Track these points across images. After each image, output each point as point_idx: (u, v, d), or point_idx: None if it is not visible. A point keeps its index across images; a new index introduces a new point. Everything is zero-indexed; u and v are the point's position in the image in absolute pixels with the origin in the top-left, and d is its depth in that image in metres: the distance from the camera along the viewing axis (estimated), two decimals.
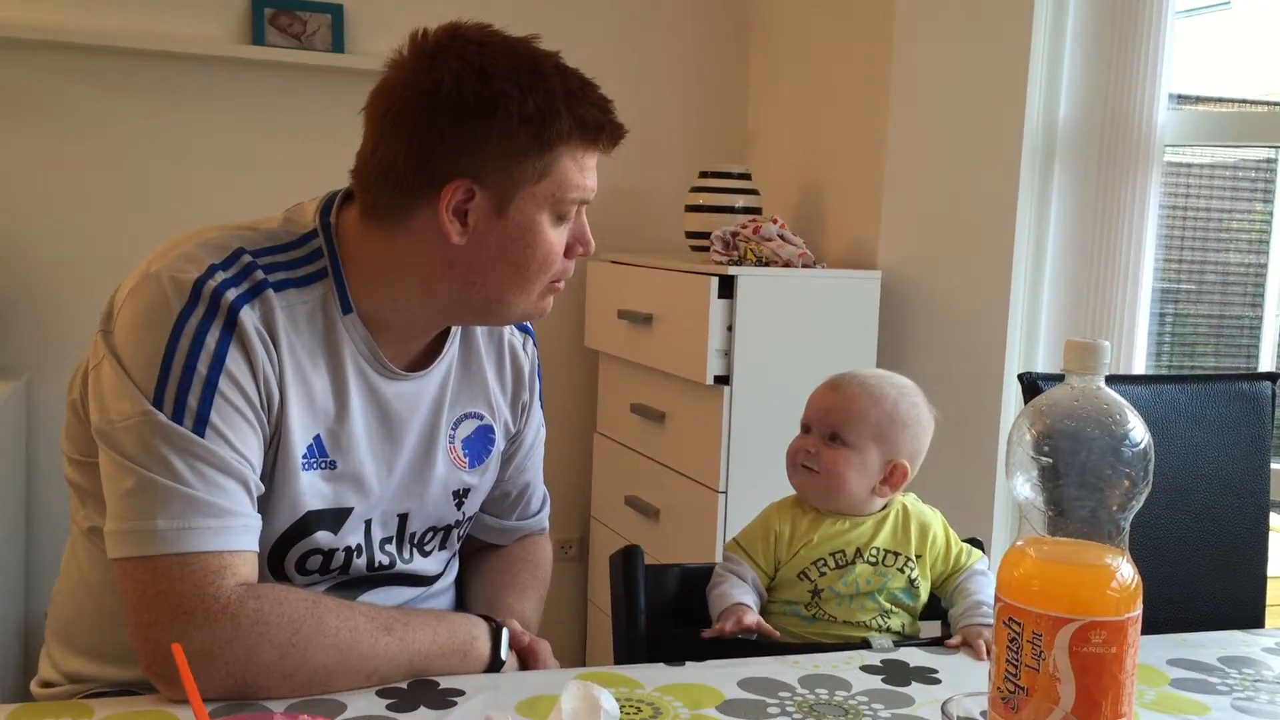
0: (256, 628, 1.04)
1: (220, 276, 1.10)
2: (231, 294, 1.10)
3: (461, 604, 1.41)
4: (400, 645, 1.11)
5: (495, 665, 1.17)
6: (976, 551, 1.42)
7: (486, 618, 1.20)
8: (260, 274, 1.13)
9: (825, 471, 1.35)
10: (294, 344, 1.14)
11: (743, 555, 1.37)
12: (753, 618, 1.30)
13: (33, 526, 2.62)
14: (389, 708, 1.04)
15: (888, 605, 1.34)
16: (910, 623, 1.37)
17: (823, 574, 1.34)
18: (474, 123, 1.12)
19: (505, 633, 1.19)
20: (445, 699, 1.07)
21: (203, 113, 2.70)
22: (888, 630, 1.34)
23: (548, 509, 1.51)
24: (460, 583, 1.45)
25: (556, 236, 1.18)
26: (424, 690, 1.08)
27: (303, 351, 1.15)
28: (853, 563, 1.34)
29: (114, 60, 2.63)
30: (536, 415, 1.43)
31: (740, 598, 1.32)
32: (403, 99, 1.14)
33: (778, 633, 1.30)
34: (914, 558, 1.36)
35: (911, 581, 1.36)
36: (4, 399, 2.35)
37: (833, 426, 1.36)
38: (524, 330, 1.39)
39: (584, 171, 1.17)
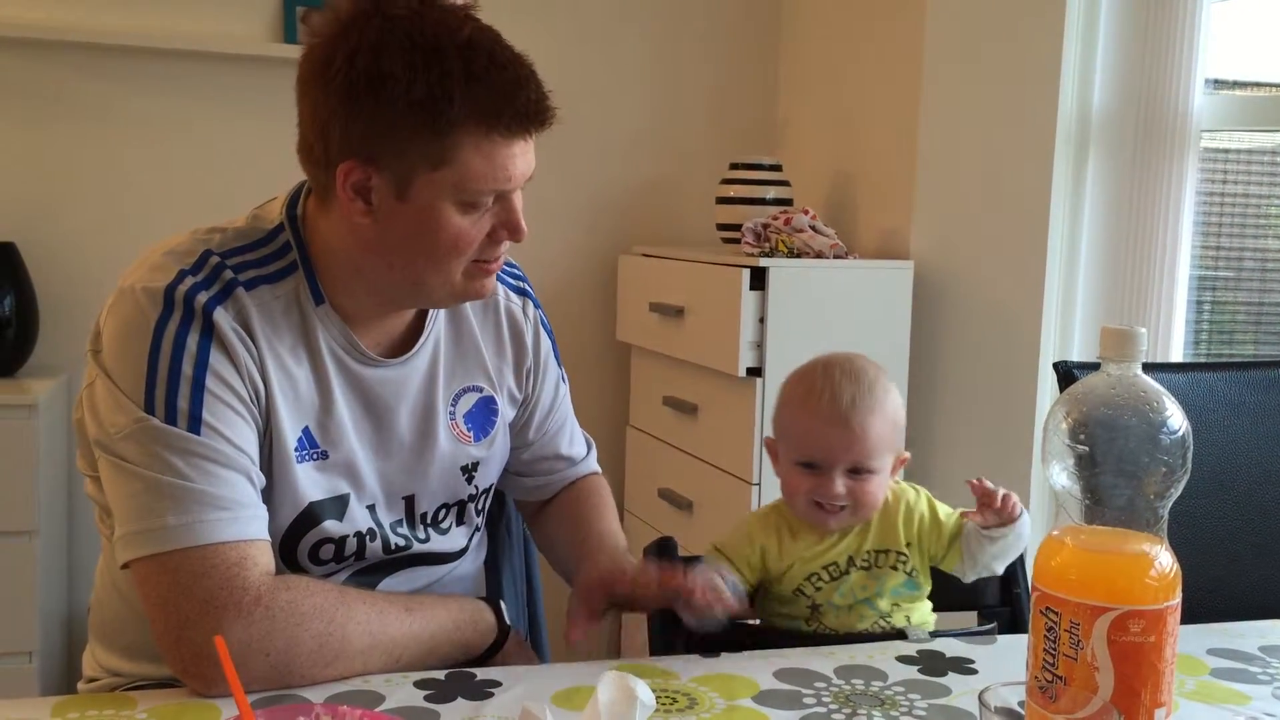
0: (293, 618, 1.05)
1: (190, 281, 1.11)
2: (203, 296, 1.11)
3: (496, 582, 1.44)
4: (423, 623, 1.14)
5: (503, 631, 1.21)
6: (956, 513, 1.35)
7: (482, 598, 1.25)
8: (229, 274, 1.14)
9: (858, 504, 1.28)
10: (273, 340, 1.15)
11: (723, 560, 1.32)
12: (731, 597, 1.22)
13: (74, 519, 2.66)
14: (427, 699, 1.05)
15: (887, 609, 1.30)
16: (925, 609, 1.33)
17: (818, 588, 1.30)
18: (362, 103, 1.08)
19: (502, 604, 1.23)
20: (482, 690, 1.07)
21: (236, 111, 2.72)
22: (893, 630, 1.30)
23: (595, 453, 1.50)
24: (536, 543, 1.50)
25: (467, 223, 1.13)
26: (461, 681, 1.09)
27: (282, 346, 1.16)
28: (846, 572, 1.29)
29: (150, 60, 2.66)
30: (552, 374, 1.41)
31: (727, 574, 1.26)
32: (308, 69, 1.12)
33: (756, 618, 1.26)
34: (905, 549, 1.31)
35: (910, 574, 1.31)
36: (47, 398, 2.39)
37: (854, 462, 1.28)
38: (521, 294, 1.37)
39: (492, 161, 1.10)
